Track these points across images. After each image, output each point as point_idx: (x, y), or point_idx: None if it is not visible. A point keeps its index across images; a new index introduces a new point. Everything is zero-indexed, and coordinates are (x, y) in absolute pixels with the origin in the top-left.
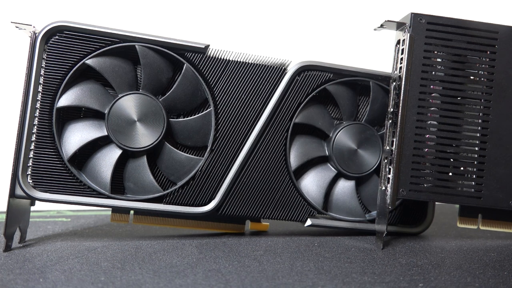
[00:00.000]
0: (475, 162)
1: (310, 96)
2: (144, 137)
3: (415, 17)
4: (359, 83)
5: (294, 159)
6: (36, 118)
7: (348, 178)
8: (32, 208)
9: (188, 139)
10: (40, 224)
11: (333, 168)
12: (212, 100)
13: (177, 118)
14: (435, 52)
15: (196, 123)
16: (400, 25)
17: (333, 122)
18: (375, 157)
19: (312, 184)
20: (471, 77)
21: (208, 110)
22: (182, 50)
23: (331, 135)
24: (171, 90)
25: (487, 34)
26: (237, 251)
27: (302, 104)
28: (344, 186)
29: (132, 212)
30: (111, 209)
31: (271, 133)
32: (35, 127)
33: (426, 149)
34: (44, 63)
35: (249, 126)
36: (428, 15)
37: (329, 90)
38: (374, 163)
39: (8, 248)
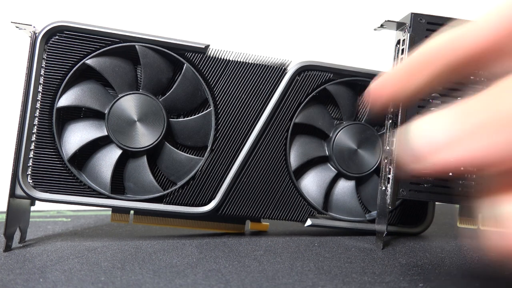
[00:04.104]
0: None
1: (310, 96)
2: (144, 137)
3: (415, 17)
4: (359, 83)
5: (294, 159)
6: (36, 118)
7: (348, 178)
8: (32, 208)
9: (188, 139)
10: (40, 224)
11: (333, 168)
12: (212, 100)
13: (177, 118)
14: None
15: (196, 123)
16: (400, 25)
17: (333, 122)
18: (375, 157)
19: (312, 184)
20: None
21: (208, 110)
22: (182, 50)
23: (331, 135)
24: (171, 90)
25: None
26: (237, 251)
27: (302, 104)
28: (344, 186)
29: (132, 212)
30: (111, 209)
31: (271, 133)
32: (35, 127)
33: None
34: (44, 63)
35: (249, 126)
36: (428, 15)
37: (329, 90)
38: (374, 163)
39: (8, 248)
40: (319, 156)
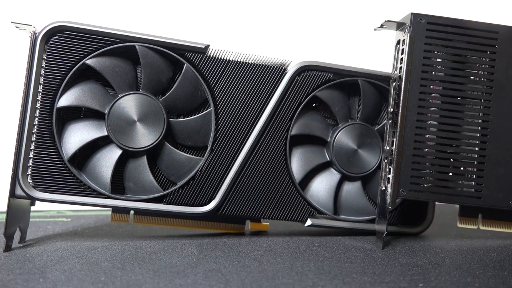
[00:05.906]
0: (475, 162)
1: (310, 96)
2: (144, 137)
3: (415, 17)
4: (348, 83)
5: (297, 171)
6: (36, 118)
7: (353, 179)
8: (32, 208)
9: (188, 139)
10: (40, 224)
11: (336, 172)
12: (212, 100)
13: (177, 118)
14: (435, 52)
15: (196, 123)
16: (400, 25)
17: (328, 126)
18: (376, 154)
19: (319, 191)
20: (471, 77)
21: (208, 110)
22: (182, 50)
23: (329, 139)
24: (171, 90)
25: (487, 34)
26: (237, 251)
27: (303, 104)
28: (351, 188)
29: (132, 212)
30: (111, 209)
31: (271, 133)
32: (35, 127)
33: (426, 149)
34: (44, 63)
35: (249, 126)
36: (428, 15)
37: (319, 97)
38: (376, 160)
39: (8, 248)
40: (321, 163)
